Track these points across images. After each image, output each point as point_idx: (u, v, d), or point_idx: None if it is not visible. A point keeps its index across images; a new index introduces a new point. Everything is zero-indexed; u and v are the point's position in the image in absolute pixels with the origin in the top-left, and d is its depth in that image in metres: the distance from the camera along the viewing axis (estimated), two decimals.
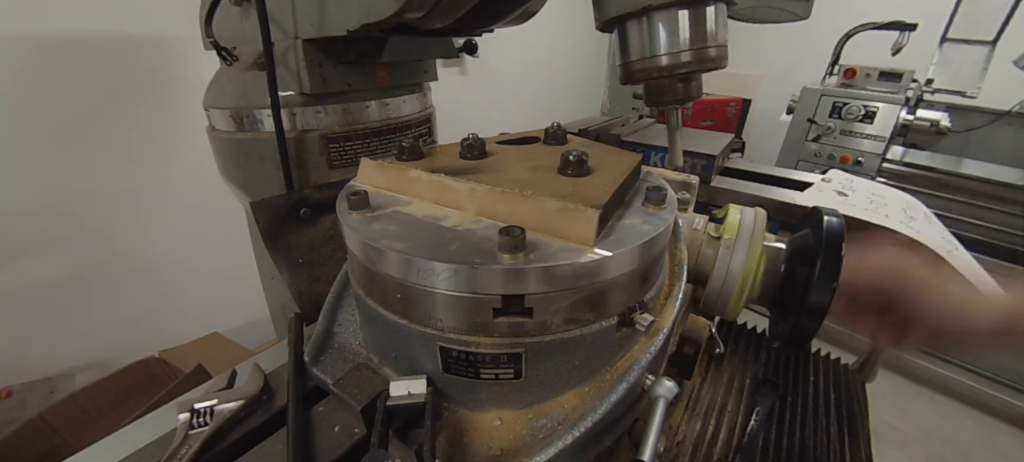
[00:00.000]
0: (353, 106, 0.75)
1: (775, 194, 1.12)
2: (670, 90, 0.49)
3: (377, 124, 0.79)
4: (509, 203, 0.39)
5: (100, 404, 1.26)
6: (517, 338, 0.36)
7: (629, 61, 0.48)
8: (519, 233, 0.33)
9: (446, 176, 0.42)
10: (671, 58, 0.45)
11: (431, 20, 0.56)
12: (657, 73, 0.46)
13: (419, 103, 0.87)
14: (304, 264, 0.67)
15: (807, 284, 0.48)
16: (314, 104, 0.71)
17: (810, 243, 0.51)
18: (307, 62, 0.67)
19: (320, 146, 0.73)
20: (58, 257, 1.33)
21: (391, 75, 0.79)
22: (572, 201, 0.36)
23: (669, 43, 0.44)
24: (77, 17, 1.22)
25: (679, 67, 0.45)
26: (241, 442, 0.42)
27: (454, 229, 0.38)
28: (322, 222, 0.71)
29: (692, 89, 0.49)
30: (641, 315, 0.38)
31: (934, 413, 1.91)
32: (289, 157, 0.69)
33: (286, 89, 0.69)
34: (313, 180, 0.75)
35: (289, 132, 0.70)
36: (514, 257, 0.33)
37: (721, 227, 0.54)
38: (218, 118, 0.76)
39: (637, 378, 0.40)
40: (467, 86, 2.53)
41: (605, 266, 0.35)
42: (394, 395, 0.37)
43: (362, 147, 0.78)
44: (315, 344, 0.48)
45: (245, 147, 0.74)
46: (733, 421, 0.59)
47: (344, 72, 0.72)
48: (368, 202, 0.42)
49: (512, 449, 0.37)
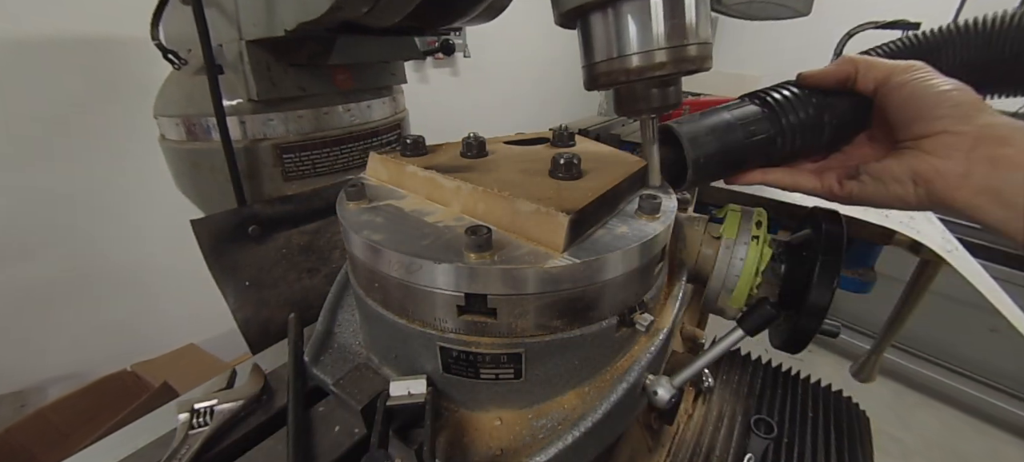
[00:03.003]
0: (309, 113, 0.69)
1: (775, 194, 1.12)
2: (643, 97, 0.41)
3: (338, 132, 0.72)
4: (488, 203, 0.39)
5: (70, 419, 1.21)
6: (517, 338, 0.36)
7: (593, 62, 0.40)
8: (485, 233, 0.33)
9: (437, 173, 0.43)
10: (643, 58, 0.37)
11: (379, 18, 0.52)
12: (626, 76, 0.39)
13: (388, 108, 0.81)
14: (251, 287, 0.61)
15: (807, 284, 0.48)
16: (265, 111, 0.65)
17: (810, 243, 0.51)
18: (253, 65, 0.61)
19: (273, 156, 0.67)
20: (31, 265, 1.29)
21: (352, 78, 0.73)
22: (546, 205, 0.36)
23: (641, 40, 0.37)
24: (53, 17, 1.20)
25: (653, 69, 0.38)
26: (241, 442, 0.42)
27: (434, 225, 0.39)
28: (274, 240, 0.65)
29: (669, 95, 0.42)
30: (641, 315, 0.38)
31: (937, 424, 1.89)
32: (240, 169, 0.64)
33: (235, 95, 0.64)
34: (267, 193, 0.69)
35: (239, 142, 0.65)
36: (479, 256, 0.33)
37: (721, 227, 0.54)
38: (168, 126, 0.69)
39: (637, 378, 0.40)
40: (461, 87, 2.52)
41: (571, 274, 0.34)
42: (394, 395, 0.37)
43: (321, 157, 0.72)
44: (315, 344, 0.48)
45: (195, 157, 0.68)
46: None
47: (297, 76, 0.66)
48: (365, 194, 0.44)
49: (512, 449, 0.37)
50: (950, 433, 1.84)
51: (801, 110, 0.45)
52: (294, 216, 0.68)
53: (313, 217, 0.71)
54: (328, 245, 0.71)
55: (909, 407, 1.95)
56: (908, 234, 0.77)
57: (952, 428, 1.86)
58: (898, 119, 0.39)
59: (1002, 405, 1.82)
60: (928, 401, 1.97)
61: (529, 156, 0.51)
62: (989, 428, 1.85)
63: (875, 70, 0.40)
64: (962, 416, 1.91)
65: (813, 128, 0.45)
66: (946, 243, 0.79)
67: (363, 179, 0.50)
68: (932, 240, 0.77)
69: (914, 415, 1.92)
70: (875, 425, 0.60)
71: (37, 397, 1.33)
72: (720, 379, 0.64)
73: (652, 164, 0.46)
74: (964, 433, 1.84)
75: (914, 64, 0.39)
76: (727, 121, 0.46)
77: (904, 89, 0.38)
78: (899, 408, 1.95)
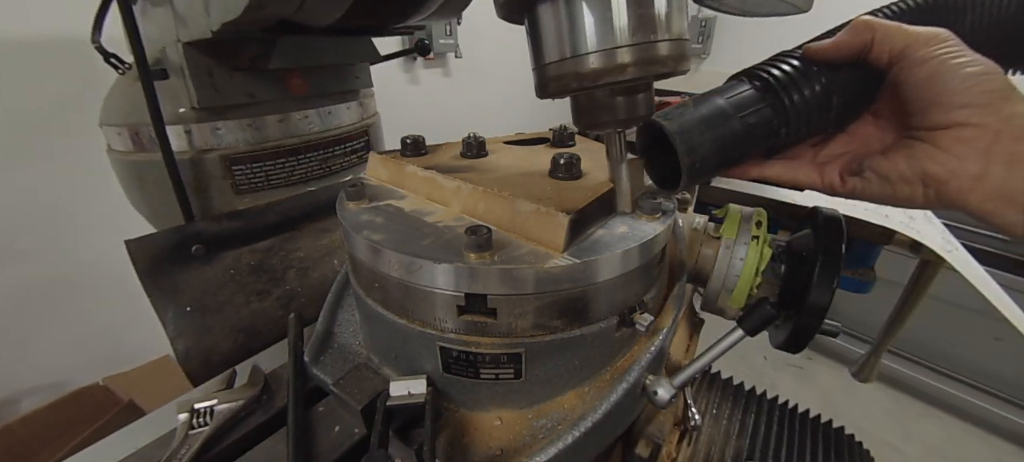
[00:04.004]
0: (261, 121, 0.63)
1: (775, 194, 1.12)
2: (606, 107, 0.35)
3: (294, 141, 0.67)
4: (488, 203, 0.39)
5: (41, 434, 1.18)
6: (517, 338, 0.36)
7: (543, 65, 0.34)
8: (485, 233, 0.33)
9: (437, 173, 0.43)
10: (603, 59, 0.31)
11: (315, 17, 0.49)
12: (581, 82, 0.32)
13: (354, 113, 0.76)
14: (193, 312, 0.56)
15: (807, 284, 0.48)
16: (211, 119, 0.60)
17: (810, 243, 0.51)
18: (192, 69, 0.56)
19: (222, 168, 0.62)
20: (10, 270, 1.26)
21: (308, 83, 0.67)
22: (546, 205, 0.36)
23: (599, 35, 0.31)
24: (23, 17, 1.16)
25: (614, 72, 0.31)
26: (241, 442, 0.42)
27: (434, 225, 0.39)
28: (221, 260, 0.60)
29: (638, 105, 0.35)
30: (641, 315, 0.38)
31: (939, 433, 1.85)
32: (186, 182, 0.59)
33: (180, 102, 0.59)
34: (218, 208, 0.65)
35: (184, 153, 0.60)
36: (479, 256, 0.33)
37: (721, 227, 0.54)
38: (113, 136, 0.64)
39: (637, 378, 0.40)
40: (454, 87, 2.50)
41: (571, 274, 0.34)
42: (394, 395, 0.37)
43: (276, 168, 0.66)
44: (315, 344, 0.48)
45: (140, 170, 0.63)
46: None
47: (244, 81, 0.61)
48: (364, 193, 0.44)
49: (512, 449, 0.37)
50: (953, 443, 1.80)
51: (807, 89, 0.37)
52: (244, 233, 0.63)
53: (266, 234, 0.65)
54: (282, 265, 0.65)
55: (911, 416, 1.92)
56: (908, 234, 0.77)
57: (955, 438, 1.83)
58: (913, 100, 0.33)
59: (1006, 415, 1.78)
60: (931, 410, 1.94)
61: (529, 156, 0.51)
62: (993, 438, 1.81)
63: (893, 39, 0.34)
64: (965, 426, 1.87)
65: (820, 111, 0.38)
66: (946, 243, 0.79)
67: (363, 179, 0.50)
68: (932, 240, 0.77)
69: (917, 424, 1.88)
70: (876, 435, 0.58)
71: (9, 410, 1.29)
72: (709, 414, 0.58)
73: (621, 187, 0.40)
74: (967, 443, 1.81)
75: (939, 34, 0.32)
76: (722, 110, 0.38)
77: (925, 66, 0.32)
78: (901, 417, 1.91)
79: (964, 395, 1.87)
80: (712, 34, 3.05)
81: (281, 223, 0.66)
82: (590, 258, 0.34)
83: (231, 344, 0.57)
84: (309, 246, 0.68)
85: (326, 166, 0.73)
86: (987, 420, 1.83)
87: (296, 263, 0.66)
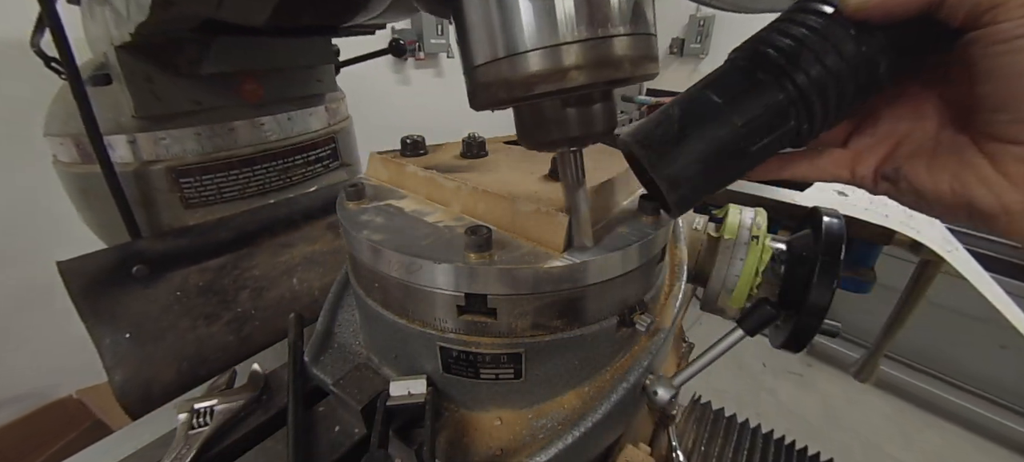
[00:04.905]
0: (209, 129, 0.58)
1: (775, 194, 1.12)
2: (556, 122, 0.28)
3: (249, 150, 0.62)
4: (488, 203, 0.39)
5: (12, 448, 1.14)
6: (517, 338, 0.36)
7: (473, 68, 0.27)
8: (485, 233, 0.33)
9: (437, 173, 0.43)
10: (544, 60, 0.24)
11: (243, 15, 0.46)
12: (511, 92, 0.26)
13: (318, 119, 0.71)
14: (133, 339, 0.52)
15: (807, 284, 0.48)
16: (155, 128, 0.55)
17: (810, 243, 0.51)
18: (127, 75, 0.52)
19: (169, 181, 0.57)
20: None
21: (263, 88, 0.62)
22: (546, 205, 0.35)
23: (538, 30, 0.24)
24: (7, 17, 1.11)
25: (557, 77, 0.24)
26: (241, 442, 0.42)
27: (434, 225, 0.39)
28: (167, 281, 0.56)
29: (594, 118, 0.28)
30: (641, 315, 0.38)
31: (940, 442, 1.82)
32: (130, 196, 0.54)
33: (122, 111, 0.55)
34: (166, 224, 0.60)
35: (127, 164, 0.55)
36: (479, 256, 0.33)
37: (721, 227, 0.54)
38: (58, 147, 0.59)
39: (637, 378, 0.40)
40: (447, 88, 2.47)
41: (571, 274, 0.34)
42: (394, 395, 0.37)
43: (228, 180, 0.61)
44: (315, 344, 0.48)
45: (84, 182, 0.57)
46: None
47: (188, 87, 0.56)
48: (364, 194, 0.44)
49: (512, 449, 0.37)
50: (954, 453, 1.78)
51: (840, 67, 0.26)
52: (193, 251, 0.59)
53: (218, 251, 0.60)
54: (234, 285, 0.60)
55: (913, 425, 1.89)
56: (908, 234, 0.77)
57: (956, 448, 1.80)
58: (979, 91, 0.23)
59: (1009, 424, 1.75)
60: (933, 419, 1.91)
61: (529, 156, 0.51)
62: (995, 448, 1.78)
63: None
64: (967, 434, 1.84)
65: (858, 91, 0.27)
66: (946, 243, 0.79)
67: (363, 179, 0.50)
68: (932, 240, 0.77)
69: (918, 433, 1.86)
70: (877, 444, 0.56)
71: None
72: (697, 452, 0.52)
73: (579, 217, 0.33)
74: (968, 453, 1.78)
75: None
76: (717, 115, 0.28)
77: (1008, 52, 0.21)
78: (902, 425, 1.89)
79: (966, 403, 1.83)
80: (710, 33, 3.05)
81: (235, 239, 0.62)
82: (590, 258, 0.34)
83: (173, 373, 0.53)
84: (266, 264, 0.64)
85: (286, 177, 0.68)
86: (989, 428, 1.80)
87: (250, 283, 0.61)
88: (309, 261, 0.68)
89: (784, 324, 0.51)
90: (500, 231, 0.38)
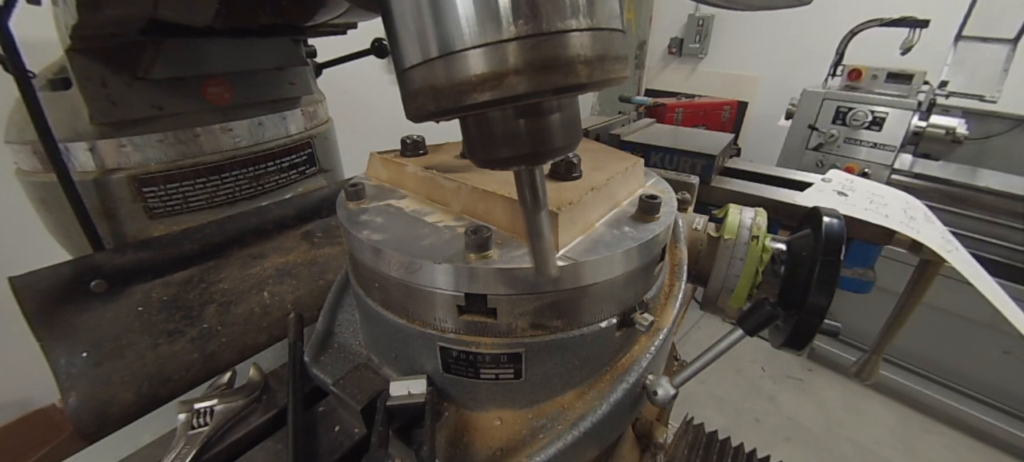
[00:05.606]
0: (173, 136, 0.56)
1: (775, 194, 1.12)
2: (507, 137, 0.24)
3: (217, 157, 0.59)
4: (488, 203, 0.39)
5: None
6: (517, 338, 0.36)
7: (404, 70, 0.23)
8: (485, 233, 0.33)
9: (437, 173, 0.43)
10: (485, 60, 0.20)
11: (186, 15, 0.44)
12: (439, 103, 0.22)
13: (294, 123, 0.67)
14: (90, 358, 0.49)
15: (807, 284, 0.48)
16: (116, 135, 0.53)
17: (810, 243, 0.51)
18: (80, 79, 0.49)
19: (132, 191, 0.55)
20: None
21: (231, 91, 0.59)
22: None
23: (476, 23, 0.20)
24: None
25: (497, 81, 0.20)
26: (241, 442, 0.42)
27: (434, 225, 0.39)
28: (128, 296, 0.53)
29: (550, 131, 0.24)
30: (641, 315, 0.38)
31: (943, 449, 1.80)
32: (91, 206, 0.52)
33: (81, 117, 0.52)
34: (130, 235, 0.57)
35: (87, 173, 0.53)
36: (479, 257, 0.33)
37: (721, 227, 0.54)
38: (19, 155, 0.57)
39: (637, 378, 0.40)
40: None
41: (571, 274, 0.34)
42: (394, 395, 0.37)
43: (195, 189, 0.58)
44: (315, 344, 0.48)
45: (44, 192, 0.55)
46: None
47: (147, 91, 0.53)
48: (364, 193, 0.44)
49: (512, 449, 0.37)
50: (957, 459, 1.76)
51: None
52: (156, 264, 0.56)
53: (182, 264, 0.58)
54: (200, 299, 0.57)
55: (915, 432, 1.87)
56: (908, 234, 0.77)
57: (959, 455, 1.79)
58: None
59: (1013, 430, 1.73)
60: (936, 425, 1.89)
61: None
62: (999, 454, 1.77)
63: None
64: (970, 441, 1.82)
65: None
66: (946, 243, 0.79)
67: (363, 179, 0.50)
68: (932, 240, 0.77)
69: (921, 440, 1.84)
70: (877, 451, 0.56)
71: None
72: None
73: (541, 245, 0.28)
74: (972, 461, 1.76)
75: None
76: None
77: None
78: (904, 434, 1.86)
79: (969, 409, 1.81)
80: (709, 33, 3.04)
81: (202, 251, 0.59)
82: (590, 258, 0.34)
83: (132, 395, 0.51)
84: (235, 277, 0.61)
85: (258, 184, 0.65)
86: (992, 434, 1.78)
87: (217, 297, 0.58)
88: (282, 273, 0.64)
89: (784, 324, 0.51)
90: (500, 231, 0.38)
